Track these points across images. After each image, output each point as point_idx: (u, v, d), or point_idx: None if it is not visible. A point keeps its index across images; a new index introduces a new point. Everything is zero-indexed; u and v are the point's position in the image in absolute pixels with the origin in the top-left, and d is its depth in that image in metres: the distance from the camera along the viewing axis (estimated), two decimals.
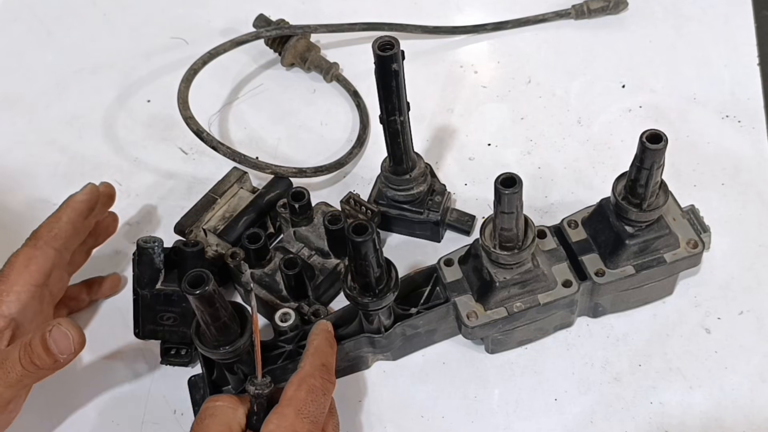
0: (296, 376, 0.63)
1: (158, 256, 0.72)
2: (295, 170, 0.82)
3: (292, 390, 0.62)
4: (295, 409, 0.60)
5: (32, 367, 0.63)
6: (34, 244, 0.70)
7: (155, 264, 0.72)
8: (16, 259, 0.69)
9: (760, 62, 0.92)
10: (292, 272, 0.72)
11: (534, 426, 0.69)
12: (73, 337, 0.64)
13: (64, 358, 0.64)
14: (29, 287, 0.68)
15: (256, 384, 0.62)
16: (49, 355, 0.63)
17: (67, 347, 0.64)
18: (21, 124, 0.96)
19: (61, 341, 0.63)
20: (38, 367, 0.63)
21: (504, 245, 0.65)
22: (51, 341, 0.63)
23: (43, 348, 0.63)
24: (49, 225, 0.72)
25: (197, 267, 0.66)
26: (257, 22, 0.96)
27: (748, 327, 0.73)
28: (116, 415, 0.73)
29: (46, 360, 0.63)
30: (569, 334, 0.74)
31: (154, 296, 0.72)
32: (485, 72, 0.96)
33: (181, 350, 0.74)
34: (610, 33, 0.97)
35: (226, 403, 0.62)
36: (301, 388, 0.62)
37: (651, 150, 0.62)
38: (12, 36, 1.06)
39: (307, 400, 0.61)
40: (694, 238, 0.70)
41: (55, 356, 0.63)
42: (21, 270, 0.69)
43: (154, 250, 0.71)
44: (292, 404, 0.61)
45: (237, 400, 0.63)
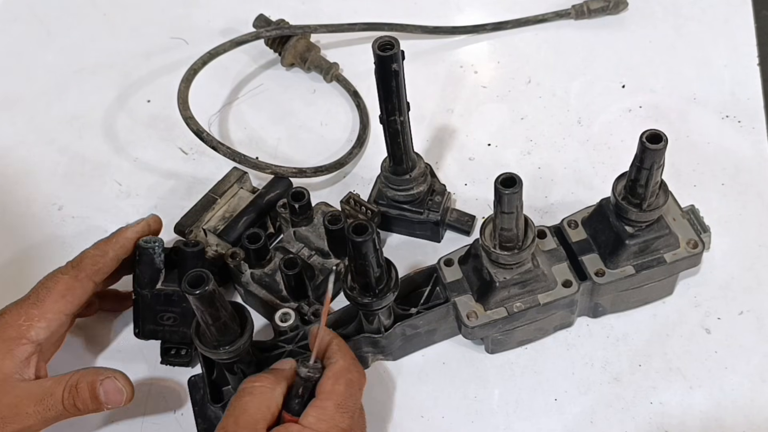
0: (331, 370, 0.62)
1: (158, 256, 0.72)
2: (295, 170, 0.82)
3: (330, 384, 0.61)
4: (335, 403, 0.60)
5: (73, 409, 0.65)
6: (75, 275, 0.69)
7: (155, 264, 0.72)
8: (55, 285, 0.68)
9: (760, 62, 0.92)
10: (292, 272, 0.72)
11: (534, 426, 0.69)
12: (127, 394, 0.66)
13: (108, 408, 0.66)
14: (61, 316, 0.68)
15: (309, 367, 0.62)
16: (96, 402, 0.65)
17: (117, 402, 0.66)
18: (21, 124, 0.96)
19: (112, 394, 0.66)
20: (79, 410, 0.65)
21: (504, 245, 0.65)
22: (101, 391, 0.65)
23: (91, 395, 0.65)
24: (94, 258, 0.70)
25: (197, 267, 0.66)
26: (257, 22, 0.96)
27: (748, 327, 0.73)
28: (116, 415, 0.73)
29: (90, 406, 0.65)
30: (569, 334, 0.74)
31: (154, 296, 0.72)
32: (485, 72, 0.96)
33: (181, 350, 0.74)
34: (610, 33, 0.97)
35: (265, 383, 0.61)
36: (340, 382, 0.61)
37: (651, 150, 0.62)
38: (12, 36, 1.06)
39: (346, 394, 0.61)
40: (694, 238, 0.70)
41: (101, 406, 0.65)
42: (57, 298, 0.68)
43: (154, 250, 0.71)
44: (332, 398, 0.60)
45: (275, 380, 0.62)
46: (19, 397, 0.64)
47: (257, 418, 0.59)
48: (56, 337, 0.69)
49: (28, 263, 0.83)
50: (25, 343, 0.65)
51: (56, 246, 0.84)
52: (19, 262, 0.84)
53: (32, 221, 0.87)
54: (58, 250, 0.83)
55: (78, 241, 0.83)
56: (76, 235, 0.85)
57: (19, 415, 0.63)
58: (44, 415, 0.64)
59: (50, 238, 0.85)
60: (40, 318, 0.67)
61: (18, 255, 0.84)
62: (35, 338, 0.66)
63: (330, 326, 0.71)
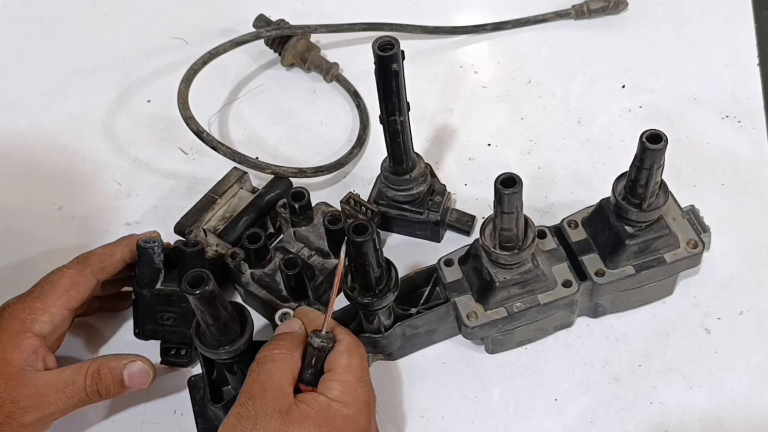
0: (342, 344, 0.63)
1: (158, 256, 0.72)
2: (295, 170, 0.82)
3: (345, 358, 0.62)
4: (356, 377, 0.62)
5: (96, 395, 0.66)
6: (80, 270, 0.69)
7: (155, 264, 0.72)
8: (59, 279, 0.69)
9: (760, 62, 0.92)
10: (292, 272, 0.72)
11: (534, 426, 0.69)
12: (152, 375, 0.68)
13: (131, 391, 0.67)
14: (64, 310, 0.68)
15: (322, 337, 0.63)
16: (119, 387, 0.66)
17: (142, 384, 0.68)
18: (21, 124, 0.96)
19: (137, 377, 0.67)
20: (101, 396, 0.66)
21: (504, 245, 0.65)
22: (126, 375, 0.67)
23: (115, 380, 0.66)
24: (101, 256, 0.71)
25: (197, 267, 0.66)
26: (257, 22, 0.96)
27: (748, 327, 0.73)
28: (116, 415, 0.73)
29: (113, 391, 0.66)
30: (569, 334, 0.74)
31: (154, 296, 0.72)
32: (485, 72, 0.96)
33: (181, 350, 0.74)
34: (610, 33, 0.97)
35: (283, 350, 0.62)
36: (354, 356, 0.63)
37: (651, 150, 0.62)
38: (12, 36, 1.06)
39: (363, 367, 0.63)
40: (694, 238, 0.70)
41: (125, 390, 0.67)
42: (61, 293, 0.68)
43: (153, 250, 0.71)
44: (351, 372, 0.62)
45: (291, 346, 0.63)
46: (39, 387, 0.64)
47: (282, 383, 0.61)
48: (59, 333, 0.69)
49: (28, 263, 0.83)
50: (30, 337, 0.66)
51: (56, 246, 0.84)
52: (19, 262, 0.84)
53: (32, 221, 0.87)
54: (58, 249, 0.83)
55: (78, 241, 0.83)
56: (76, 235, 0.85)
57: (40, 405, 0.63)
58: (66, 403, 0.64)
59: (50, 238, 0.85)
60: (44, 312, 0.67)
61: (18, 255, 0.84)
62: (39, 332, 0.66)
63: None
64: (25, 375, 0.64)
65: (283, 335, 0.64)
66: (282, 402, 0.59)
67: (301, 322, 0.65)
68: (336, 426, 0.60)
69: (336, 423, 0.60)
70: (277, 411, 0.59)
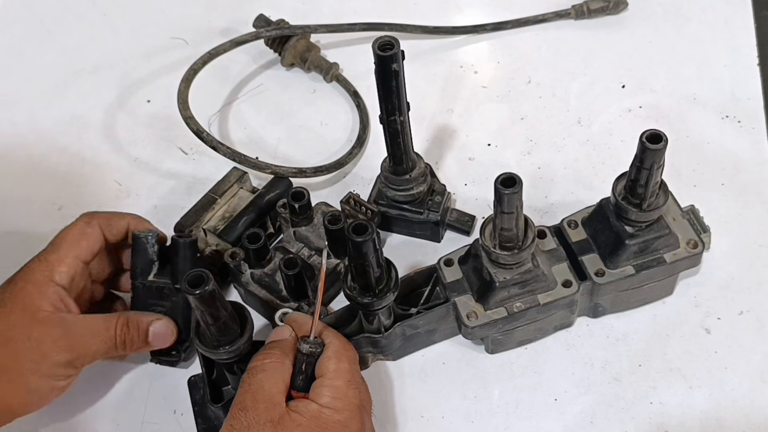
0: (330, 349, 0.64)
1: (152, 247, 0.72)
2: (295, 170, 0.82)
3: (335, 363, 0.63)
4: (345, 381, 0.62)
5: (122, 346, 0.68)
6: (87, 221, 0.70)
7: (148, 254, 0.72)
8: (68, 232, 0.70)
9: (760, 62, 0.92)
10: (292, 272, 0.72)
11: (534, 426, 0.69)
12: (173, 336, 0.70)
13: (151, 348, 0.70)
14: (78, 262, 0.69)
15: (310, 343, 0.63)
16: (143, 342, 0.69)
17: (164, 343, 0.70)
18: (21, 124, 0.96)
19: (160, 335, 0.70)
20: (125, 347, 0.68)
21: (504, 245, 0.65)
22: (151, 331, 0.69)
23: (141, 334, 0.68)
24: (107, 215, 0.72)
25: (190, 259, 0.67)
26: (257, 22, 0.96)
27: (748, 327, 0.73)
28: (116, 415, 0.73)
29: (137, 344, 0.68)
30: (569, 334, 0.74)
31: (146, 288, 0.72)
32: (485, 72, 0.96)
33: (171, 350, 0.73)
34: (610, 33, 0.97)
35: (274, 359, 0.63)
36: (343, 360, 0.63)
37: (651, 150, 0.62)
38: (12, 36, 1.06)
39: (352, 370, 0.64)
40: (694, 238, 0.70)
41: (145, 345, 0.69)
42: (72, 243, 0.69)
43: (148, 240, 0.72)
44: (341, 376, 0.62)
45: (282, 354, 0.63)
46: (72, 328, 0.66)
47: (274, 392, 0.61)
48: (77, 289, 0.69)
49: None
50: (53, 285, 0.67)
51: None
52: (19, 263, 0.83)
53: (32, 221, 0.87)
54: None
55: None
56: None
57: (75, 345, 0.65)
58: (98, 347, 0.66)
59: (50, 238, 0.85)
60: (60, 263, 0.68)
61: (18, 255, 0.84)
62: (60, 282, 0.67)
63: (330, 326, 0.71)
64: (57, 317, 0.65)
65: (274, 344, 0.65)
66: (274, 412, 0.60)
67: (292, 329, 0.66)
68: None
69: (328, 429, 0.60)
70: (269, 421, 0.59)
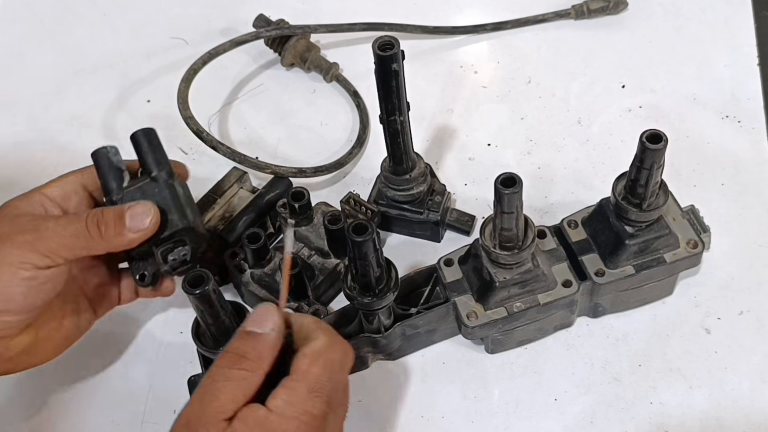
0: (309, 348, 0.56)
1: (114, 155, 0.67)
2: (295, 170, 0.82)
3: (306, 363, 0.55)
4: (307, 386, 0.54)
5: (94, 230, 0.62)
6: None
7: (114, 163, 0.66)
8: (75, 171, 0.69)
9: (760, 62, 0.92)
10: (292, 272, 0.72)
11: (534, 426, 0.69)
12: (152, 216, 0.63)
13: (129, 236, 0.63)
14: (76, 183, 0.67)
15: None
16: (118, 225, 0.62)
17: (141, 224, 0.63)
18: (21, 124, 0.96)
19: (139, 215, 0.63)
20: (100, 233, 0.62)
21: (504, 245, 0.65)
22: (128, 214, 0.63)
23: (117, 217, 0.62)
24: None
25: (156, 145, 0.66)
26: (257, 22, 0.96)
27: (748, 327, 0.73)
28: (116, 415, 0.73)
29: (113, 227, 0.62)
30: (569, 334, 0.74)
31: (126, 196, 0.66)
32: (485, 72, 0.96)
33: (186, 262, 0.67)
34: (610, 33, 0.97)
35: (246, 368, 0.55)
36: (317, 363, 0.55)
37: (651, 150, 0.62)
38: (12, 36, 1.06)
39: (323, 377, 0.55)
40: (694, 238, 0.70)
41: (123, 229, 0.62)
42: (75, 171, 0.68)
43: (107, 150, 0.66)
44: (305, 380, 0.54)
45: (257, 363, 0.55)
46: (39, 218, 0.63)
47: (228, 409, 0.53)
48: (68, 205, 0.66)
49: None
50: (39, 195, 0.65)
51: None
52: None
53: None
54: None
55: None
56: None
57: (37, 229, 0.61)
58: (61, 232, 0.61)
59: None
60: (55, 181, 0.67)
61: None
62: (48, 193, 0.65)
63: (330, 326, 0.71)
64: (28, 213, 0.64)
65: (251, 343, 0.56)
66: (217, 427, 0.52)
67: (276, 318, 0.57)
68: None
69: None
70: None
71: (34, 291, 0.61)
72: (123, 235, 0.63)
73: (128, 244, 0.64)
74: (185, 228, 0.66)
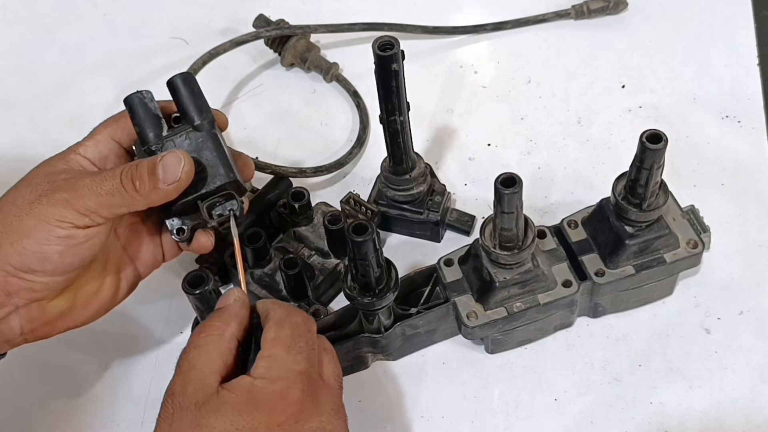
0: (272, 320, 0.57)
1: (150, 101, 0.64)
2: (295, 170, 0.82)
3: (273, 332, 0.56)
4: (284, 347, 0.56)
5: (129, 185, 0.60)
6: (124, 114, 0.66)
7: (150, 110, 0.64)
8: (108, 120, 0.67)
9: (760, 62, 0.92)
10: (292, 272, 0.72)
11: (534, 426, 0.69)
12: (184, 165, 0.60)
13: (164, 188, 0.60)
14: (109, 139, 0.65)
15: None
16: (152, 178, 0.60)
17: (174, 174, 0.60)
18: (21, 124, 0.96)
19: (170, 166, 0.60)
20: (135, 188, 0.60)
21: (504, 245, 0.65)
22: (160, 165, 0.60)
23: (150, 170, 0.60)
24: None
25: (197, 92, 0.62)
26: (257, 22, 0.96)
27: (748, 327, 0.73)
28: (116, 415, 0.73)
29: (147, 184, 0.60)
30: (569, 334, 0.74)
31: (168, 146, 0.63)
32: (485, 72, 0.96)
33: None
34: (610, 33, 0.97)
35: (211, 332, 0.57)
36: (283, 327, 0.57)
37: (651, 150, 0.62)
38: (12, 36, 1.06)
39: (294, 335, 0.57)
40: (694, 238, 0.70)
41: (156, 182, 0.60)
42: (106, 124, 0.66)
43: (144, 96, 0.64)
44: (279, 343, 0.56)
45: (222, 325, 0.57)
46: (77, 174, 0.61)
47: (206, 372, 0.55)
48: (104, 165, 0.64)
49: None
50: (74, 154, 0.64)
51: None
52: None
53: None
54: None
55: None
56: None
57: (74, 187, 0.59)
58: (97, 189, 0.59)
59: None
60: (89, 139, 0.65)
61: None
62: (84, 153, 0.64)
63: (330, 326, 0.71)
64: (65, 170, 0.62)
65: (214, 314, 0.58)
66: (202, 393, 0.54)
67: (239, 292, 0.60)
68: (262, 407, 0.53)
69: (261, 403, 0.53)
70: (194, 403, 0.53)
71: (71, 250, 0.59)
72: (159, 189, 0.60)
73: (165, 197, 0.61)
74: (234, 181, 0.63)
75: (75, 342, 0.77)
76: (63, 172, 0.62)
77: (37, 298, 0.60)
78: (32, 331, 0.62)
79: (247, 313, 0.59)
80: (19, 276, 0.59)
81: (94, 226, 0.60)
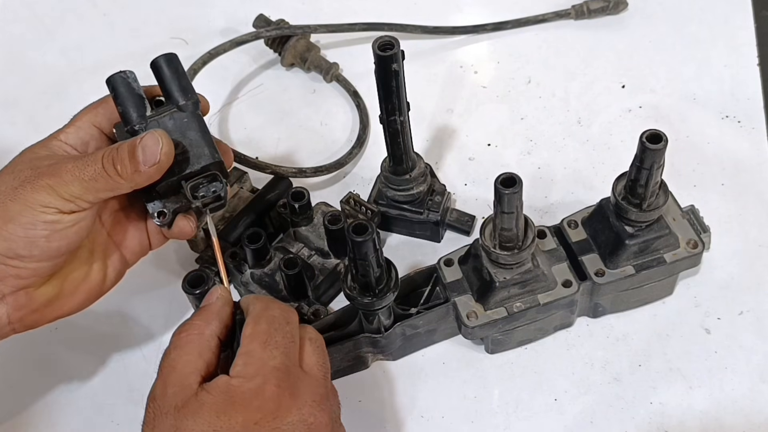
0: (249, 316, 0.58)
1: (134, 81, 0.63)
2: (295, 170, 0.82)
3: (250, 328, 0.56)
4: (260, 342, 0.55)
5: (111, 170, 0.59)
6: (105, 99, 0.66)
7: (134, 89, 0.63)
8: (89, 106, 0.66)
9: (760, 62, 0.92)
10: (292, 272, 0.72)
11: (534, 426, 0.69)
12: (163, 146, 0.60)
13: (145, 170, 0.59)
14: (90, 125, 0.65)
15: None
16: (133, 161, 0.59)
17: (153, 155, 0.59)
18: (21, 124, 0.96)
19: (149, 147, 0.59)
20: (117, 172, 0.59)
21: (504, 245, 0.65)
22: (139, 147, 0.59)
23: (130, 153, 0.59)
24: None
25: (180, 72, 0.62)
26: (257, 22, 0.96)
27: (748, 327, 0.73)
28: (116, 415, 0.73)
29: (128, 167, 0.59)
30: (569, 334, 0.74)
31: (151, 126, 0.62)
32: (485, 72, 0.96)
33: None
34: (610, 33, 0.97)
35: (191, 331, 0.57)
36: (259, 322, 0.57)
37: (651, 150, 0.62)
38: (12, 36, 1.06)
39: (270, 330, 0.56)
40: (694, 238, 0.70)
41: (137, 165, 0.59)
42: (87, 110, 0.66)
43: (127, 75, 0.63)
44: (255, 338, 0.56)
45: (203, 323, 0.58)
46: (59, 159, 0.61)
47: (186, 373, 0.54)
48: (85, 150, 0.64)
49: None
50: (56, 140, 0.64)
51: None
52: None
53: None
54: None
55: None
56: None
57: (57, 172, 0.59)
58: (79, 174, 0.59)
59: None
60: (70, 125, 0.65)
61: None
62: (65, 139, 0.64)
63: (330, 326, 0.71)
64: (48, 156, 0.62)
65: (197, 312, 0.59)
66: (181, 396, 0.53)
67: (222, 290, 0.60)
68: (238, 406, 0.53)
69: (238, 402, 0.53)
70: (174, 407, 0.53)
71: (58, 235, 0.59)
72: (140, 172, 0.60)
73: (148, 179, 0.61)
74: (219, 162, 0.62)
75: (75, 342, 0.77)
76: (46, 158, 0.62)
77: (24, 286, 0.60)
78: (20, 319, 0.61)
79: (229, 310, 0.59)
80: (6, 263, 0.59)
81: (80, 211, 0.60)
